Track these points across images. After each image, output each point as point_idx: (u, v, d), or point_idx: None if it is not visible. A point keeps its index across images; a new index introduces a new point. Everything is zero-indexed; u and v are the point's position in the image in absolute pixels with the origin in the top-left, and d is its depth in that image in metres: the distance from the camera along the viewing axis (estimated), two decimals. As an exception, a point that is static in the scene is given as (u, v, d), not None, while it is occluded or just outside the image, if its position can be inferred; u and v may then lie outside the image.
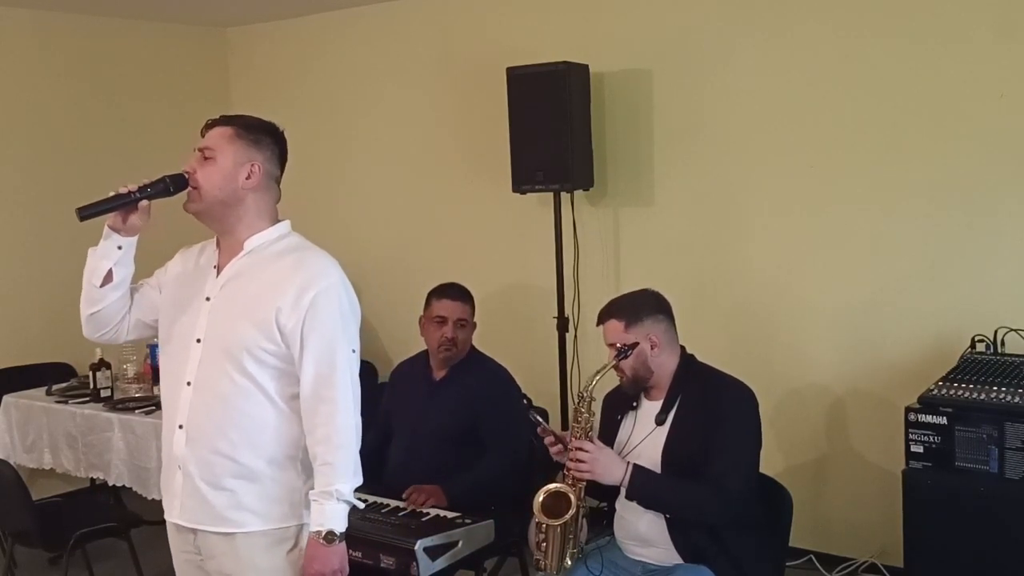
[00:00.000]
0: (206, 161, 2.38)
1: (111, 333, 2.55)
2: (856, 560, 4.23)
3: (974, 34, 3.84)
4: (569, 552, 2.81)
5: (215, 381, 2.34)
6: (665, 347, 2.89)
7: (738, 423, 2.82)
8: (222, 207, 2.38)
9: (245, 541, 2.36)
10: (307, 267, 2.37)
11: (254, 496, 2.35)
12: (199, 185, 2.36)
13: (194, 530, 2.41)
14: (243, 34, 6.14)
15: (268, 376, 2.34)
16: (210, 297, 2.40)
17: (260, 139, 2.43)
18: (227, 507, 2.35)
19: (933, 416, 3.17)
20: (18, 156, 5.31)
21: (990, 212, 3.87)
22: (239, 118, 2.46)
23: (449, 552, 3.09)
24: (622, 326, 2.88)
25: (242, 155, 2.38)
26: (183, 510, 2.41)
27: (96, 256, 2.44)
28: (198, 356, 2.37)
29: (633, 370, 2.87)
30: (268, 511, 2.37)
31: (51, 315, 5.30)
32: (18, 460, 4.48)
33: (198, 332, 2.38)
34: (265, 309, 2.32)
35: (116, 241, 2.39)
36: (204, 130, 2.46)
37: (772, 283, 4.38)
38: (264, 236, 2.42)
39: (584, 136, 4.57)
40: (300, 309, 2.31)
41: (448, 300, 3.68)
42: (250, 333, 2.32)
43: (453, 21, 5.25)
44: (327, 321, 2.33)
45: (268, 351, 2.33)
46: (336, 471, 2.31)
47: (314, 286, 2.33)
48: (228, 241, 2.43)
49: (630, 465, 2.74)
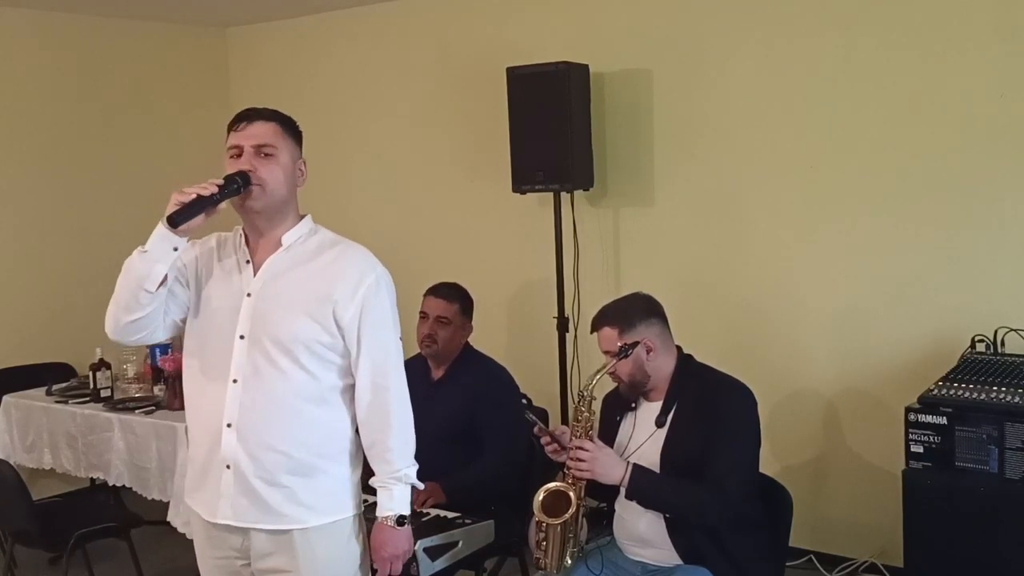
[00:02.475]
0: (267, 158, 2.34)
1: (148, 335, 2.44)
2: (856, 560, 4.23)
3: (974, 34, 3.84)
4: (569, 551, 2.81)
5: (265, 377, 2.32)
6: (660, 350, 2.89)
7: (737, 423, 2.81)
8: (281, 204, 2.38)
9: (302, 537, 2.35)
10: (355, 260, 2.41)
11: (309, 491, 2.35)
12: (264, 183, 2.32)
13: (244, 530, 2.36)
14: (243, 34, 6.14)
15: (321, 369, 2.35)
16: (251, 293, 2.36)
17: (298, 135, 2.45)
18: (283, 503, 2.33)
19: (933, 416, 3.17)
20: (18, 156, 5.31)
21: (990, 211, 3.87)
22: (277, 114, 2.42)
23: (449, 552, 3.09)
24: (616, 333, 2.87)
25: (295, 152, 2.41)
26: (235, 510, 2.35)
27: (149, 260, 2.28)
28: (243, 352, 2.33)
29: (630, 375, 2.87)
30: (324, 505, 2.37)
31: (51, 315, 5.31)
32: (18, 460, 4.48)
33: (241, 329, 2.34)
34: (321, 302, 2.33)
35: (172, 243, 2.28)
36: (239, 123, 2.38)
37: (772, 283, 4.38)
38: (298, 231, 2.42)
39: (584, 136, 4.57)
40: (356, 301, 2.35)
41: (432, 297, 3.71)
42: (306, 326, 2.32)
43: (453, 21, 5.25)
44: (380, 311, 2.38)
45: (323, 343, 2.34)
46: (400, 455, 2.38)
47: (366, 278, 2.37)
48: (267, 237, 2.40)
49: (630, 465, 2.74)
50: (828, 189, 4.22)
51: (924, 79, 3.96)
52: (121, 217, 5.64)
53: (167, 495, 4.00)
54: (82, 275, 5.43)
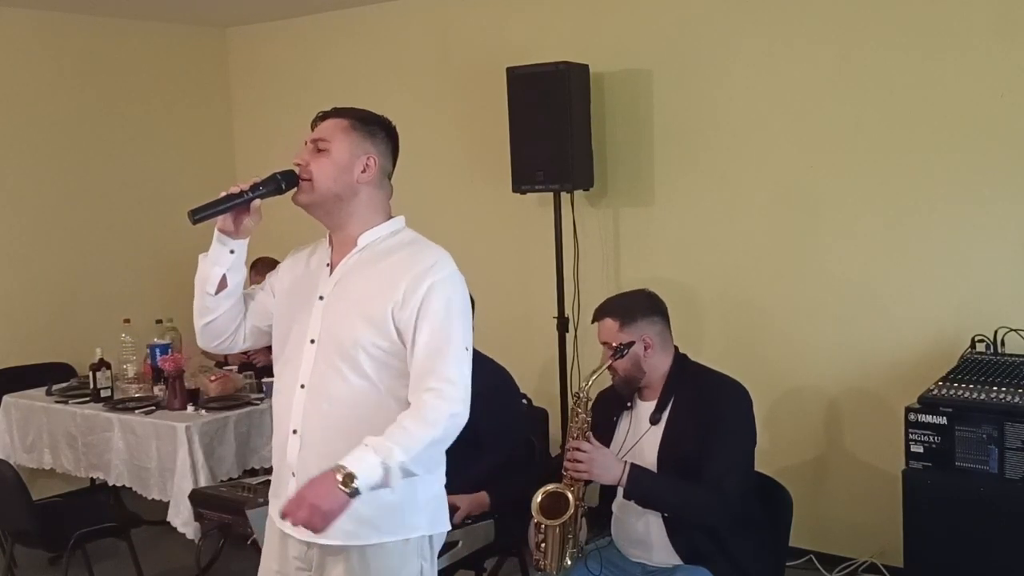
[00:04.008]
0: (319, 153, 2.27)
1: (228, 342, 2.42)
2: (856, 560, 4.23)
3: (974, 34, 3.84)
4: (569, 552, 2.81)
5: (329, 382, 2.23)
6: (658, 348, 2.89)
7: (733, 423, 2.82)
8: (335, 200, 2.28)
9: (358, 554, 2.23)
10: (420, 261, 2.26)
11: (372, 506, 2.16)
12: (312, 177, 2.25)
13: (307, 543, 2.26)
14: (243, 34, 6.14)
15: (384, 375, 2.23)
16: (323, 296, 2.30)
17: (375, 132, 2.35)
18: (344, 518, 2.11)
19: (933, 416, 3.17)
20: (18, 156, 5.31)
21: (990, 212, 3.87)
22: (353, 110, 2.35)
23: (449, 552, 3.09)
24: (617, 325, 2.88)
25: (358, 148, 2.30)
26: None
27: (208, 262, 2.29)
28: (312, 357, 2.26)
29: (626, 371, 2.87)
30: (384, 523, 2.23)
31: (51, 315, 5.31)
32: (18, 460, 4.48)
33: (311, 332, 2.28)
34: (380, 305, 2.22)
35: (229, 245, 2.27)
36: (315, 122, 2.35)
37: (772, 282, 4.38)
38: (378, 231, 2.33)
39: (584, 136, 4.57)
40: (414, 303, 2.20)
41: None
42: (365, 331, 2.22)
43: (453, 21, 5.25)
44: (439, 314, 2.21)
45: (383, 348, 2.22)
46: (405, 437, 2.10)
47: (427, 279, 2.22)
48: (340, 237, 2.34)
49: (628, 464, 2.74)
50: (827, 189, 4.22)
51: (924, 79, 3.96)
52: (121, 217, 5.65)
53: (167, 495, 4.00)
54: (82, 275, 5.44)
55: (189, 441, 3.94)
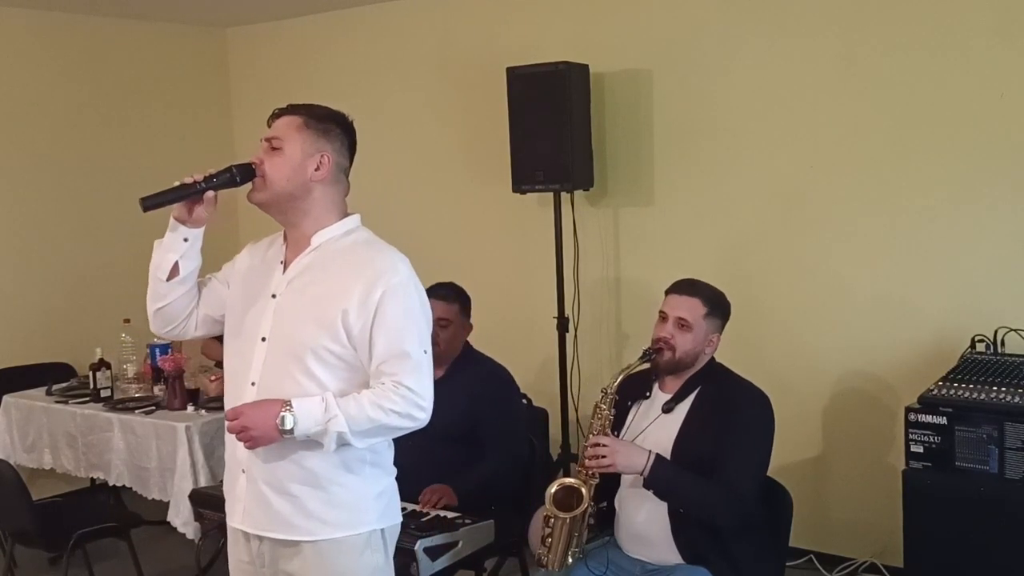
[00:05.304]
0: (274, 151, 2.28)
1: (179, 328, 2.43)
2: (856, 560, 4.23)
3: (974, 34, 3.84)
4: (571, 551, 2.81)
5: (279, 382, 2.25)
6: (712, 351, 2.94)
7: (755, 429, 2.83)
8: (289, 199, 2.29)
9: (311, 549, 2.28)
10: (374, 265, 2.27)
11: (320, 502, 2.26)
12: (266, 175, 2.27)
13: (260, 537, 2.33)
14: (243, 34, 6.14)
15: (334, 378, 2.24)
16: (276, 294, 2.31)
17: (330, 129, 2.35)
18: (292, 514, 2.26)
19: (933, 416, 3.17)
20: (18, 156, 5.31)
21: (990, 212, 3.87)
22: (308, 107, 2.36)
23: (449, 552, 3.09)
24: (705, 310, 2.90)
25: (311, 146, 2.30)
26: (246, 515, 2.33)
27: (162, 249, 2.32)
28: (263, 355, 2.28)
29: (684, 352, 2.88)
30: (335, 518, 2.28)
31: (51, 315, 5.31)
32: (18, 460, 4.48)
33: (263, 330, 2.29)
34: (331, 309, 2.22)
35: (182, 233, 2.29)
36: (271, 120, 2.36)
37: (771, 283, 4.38)
38: (332, 231, 2.34)
39: (584, 136, 4.57)
40: (368, 310, 2.21)
41: (431, 299, 3.66)
42: (315, 334, 2.23)
43: (453, 21, 5.25)
44: (395, 322, 2.22)
45: (334, 352, 2.24)
46: (358, 411, 2.18)
47: (380, 286, 2.23)
48: (295, 235, 2.35)
49: (652, 453, 2.74)
50: (827, 189, 4.22)
51: (924, 79, 3.96)
52: (121, 217, 5.63)
53: (167, 495, 4.00)
54: (82, 275, 5.43)
55: (189, 441, 3.94)
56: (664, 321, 2.91)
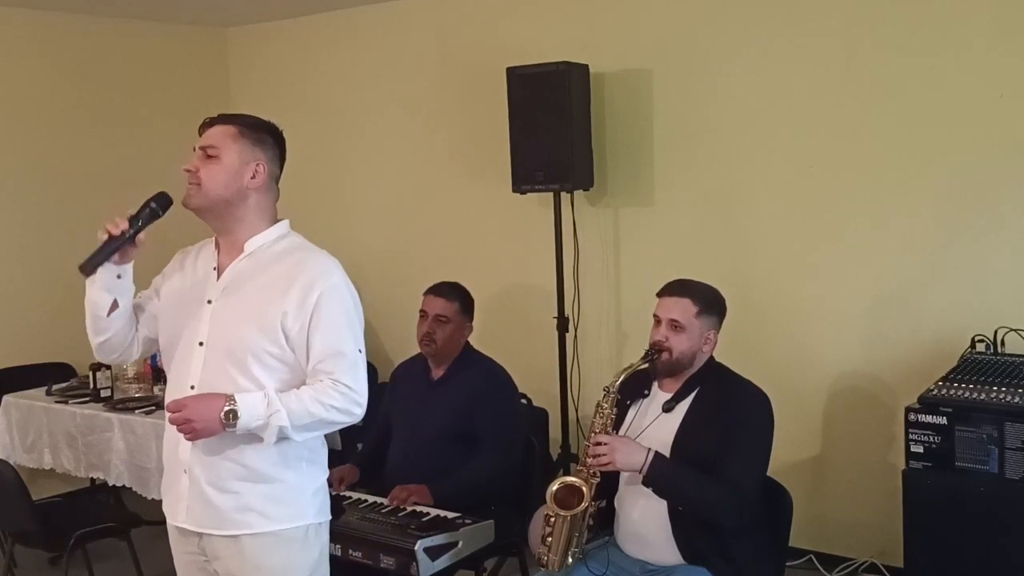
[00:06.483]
0: (209, 159, 2.36)
1: (123, 355, 2.55)
2: (856, 560, 4.23)
3: (974, 34, 3.84)
4: (571, 551, 2.81)
5: (218, 384, 2.31)
6: (711, 348, 2.93)
7: (757, 429, 2.83)
8: (225, 206, 2.36)
9: (251, 542, 2.36)
10: (309, 268, 2.35)
11: (260, 497, 2.35)
12: (201, 182, 2.34)
13: (199, 533, 2.41)
14: (243, 34, 6.14)
15: (273, 379, 2.33)
16: (211, 300, 2.39)
17: (263, 139, 2.42)
18: (233, 509, 2.35)
19: (933, 416, 3.17)
20: (18, 156, 5.31)
21: (990, 212, 3.87)
22: (240, 117, 2.45)
23: (449, 552, 3.09)
24: (696, 309, 2.89)
25: (247, 154, 2.38)
26: (189, 514, 2.40)
27: (96, 289, 2.41)
28: (201, 359, 2.36)
29: (681, 353, 2.87)
30: (274, 512, 2.36)
31: (51, 315, 5.30)
32: (18, 460, 4.48)
33: (200, 335, 2.37)
34: (269, 313, 2.31)
35: (115, 271, 2.39)
36: (202, 128, 2.44)
37: (771, 283, 4.38)
38: (264, 237, 2.41)
39: (584, 136, 4.57)
40: (305, 312, 2.31)
41: (431, 296, 3.69)
42: (255, 337, 2.31)
43: (453, 21, 5.25)
44: (332, 322, 2.32)
45: (273, 355, 2.33)
46: (299, 406, 2.27)
47: (317, 287, 2.32)
48: (228, 241, 2.42)
49: (651, 451, 2.74)
50: (827, 189, 4.21)
51: (924, 79, 3.95)
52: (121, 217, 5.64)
53: (167, 495, 4.00)
54: (82, 275, 5.43)
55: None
56: (658, 325, 2.91)
